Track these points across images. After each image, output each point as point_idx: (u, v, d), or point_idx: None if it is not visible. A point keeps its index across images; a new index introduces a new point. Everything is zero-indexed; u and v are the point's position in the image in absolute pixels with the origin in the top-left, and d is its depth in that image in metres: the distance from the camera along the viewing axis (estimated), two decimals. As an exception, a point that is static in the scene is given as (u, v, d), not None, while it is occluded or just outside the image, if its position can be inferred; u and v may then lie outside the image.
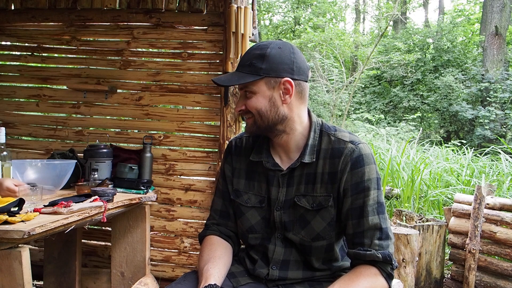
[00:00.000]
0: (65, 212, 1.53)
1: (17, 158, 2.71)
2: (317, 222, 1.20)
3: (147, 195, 2.21)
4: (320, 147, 1.21)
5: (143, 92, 2.69)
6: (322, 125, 1.25)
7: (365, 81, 13.52)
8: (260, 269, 1.25)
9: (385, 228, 1.15)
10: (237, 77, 1.18)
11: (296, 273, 1.24)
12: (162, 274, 2.64)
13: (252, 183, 1.29)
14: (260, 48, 1.17)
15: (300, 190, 1.21)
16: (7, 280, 1.31)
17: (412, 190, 4.43)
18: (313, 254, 1.23)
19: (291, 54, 1.17)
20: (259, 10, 15.42)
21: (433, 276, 2.95)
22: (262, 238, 1.27)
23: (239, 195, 1.31)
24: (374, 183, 1.17)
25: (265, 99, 1.16)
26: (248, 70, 1.16)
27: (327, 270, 1.26)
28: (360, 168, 1.16)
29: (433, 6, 25.41)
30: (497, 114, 9.94)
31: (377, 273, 1.12)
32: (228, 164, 1.36)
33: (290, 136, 1.22)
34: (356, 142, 1.19)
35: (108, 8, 2.66)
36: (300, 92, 1.19)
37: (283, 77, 1.15)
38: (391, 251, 1.13)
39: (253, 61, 1.16)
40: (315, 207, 1.19)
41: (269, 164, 1.24)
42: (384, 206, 1.18)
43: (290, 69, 1.16)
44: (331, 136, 1.21)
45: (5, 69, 2.87)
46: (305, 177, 1.21)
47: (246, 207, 1.28)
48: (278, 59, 1.15)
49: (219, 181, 1.40)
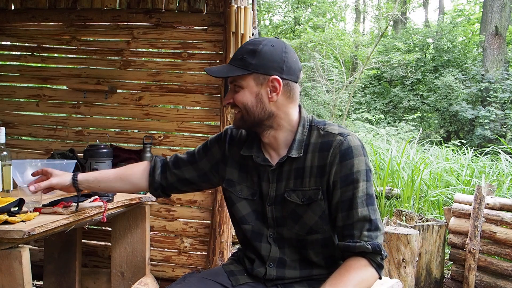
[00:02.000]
0: (65, 212, 1.53)
1: (17, 158, 2.71)
2: (309, 216, 1.19)
3: (147, 195, 2.20)
4: (309, 142, 1.21)
5: (143, 92, 2.69)
6: (312, 120, 1.24)
7: (365, 81, 13.52)
8: (257, 268, 1.25)
9: (374, 219, 1.14)
10: (227, 69, 1.19)
11: (293, 272, 1.24)
12: (162, 274, 2.64)
13: (244, 176, 1.29)
14: (254, 43, 1.17)
15: (290, 185, 1.21)
16: (7, 280, 1.31)
17: (412, 190, 4.43)
18: (309, 248, 1.23)
19: (283, 53, 1.17)
20: (259, 10, 15.41)
21: (433, 276, 2.95)
22: (253, 231, 1.27)
23: (232, 185, 1.30)
24: (363, 174, 1.16)
25: (252, 95, 1.17)
26: (239, 64, 1.16)
27: (325, 268, 1.25)
28: (349, 160, 1.16)
29: (433, 6, 25.41)
30: (497, 114, 9.94)
31: (367, 264, 1.12)
32: (220, 148, 1.35)
33: (277, 132, 1.22)
34: (344, 134, 1.18)
35: (108, 8, 2.67)
36: (289, 92, 1.19)
37: (271, 74, 1.15)
38: (380, 242, 1.13)
39: (245, 55, 1.16)
40: (305, 201, 1.19)
41: (259, 159, 1.24)
42: (373, 197, 1.17)
43: (279, 67, 1.16)
44: (320, 130, 1.21)
45: (5, 69, 2.87)
46: (294, 172, 1.21)
47: (238, 197, 1.29)
48: (269, 56, 1.15)
49: (196, 148, 1.41)
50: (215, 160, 1.35)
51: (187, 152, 1.42)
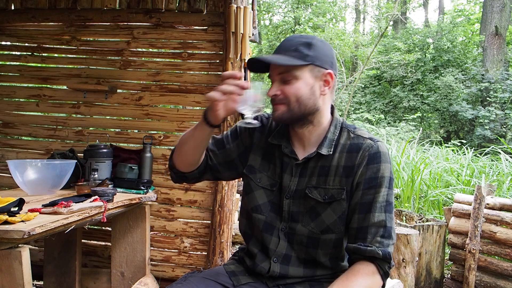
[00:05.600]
0: (65, 212, 1.53)
1: (17, 158, 2.71)
2: (328, 214, 1.19)
3: (147, 195, 2.21)
4: (339, 142, 1.22)
5: (143, 92, 2.69)
6: (343, 122, 1.27)
7: (365, 81, 13.52)
8: (260, 264, 1.24)
9: (389, 227, 1.15)
10: (283, 59, 1.15)
11: (297, 270, 1.23)
12: (162, 274, 2.64)
13: (267, 165, 1.28)
14: (306, 37, 1.19)
15: (312, 182, 1.21)
16: (7, 280, 1.31)
17: (412, 190, 4.43)
18: (320, 247, 1.22)
19: (332, 50, 1.21)
20: (259, 10, 15.42)
21: (433, 276, 2.95)
22: (265, 222, 1.25)
23: (253, 171, 1.29)
24: (387, 181, 1.17)
25: (307, 87, 1.16)
26: (294, 55, 1.15)
27: (329, 269, 1.25)
28: (376, 164, 1.17)
29: (433, 6, 25.43)
30: (497, 114, 9.94)
31: (375, 271, 1.12)
32: (250, 136, 1.32)
33: (315, 128, 1.22)
34: (375, 140, 1.21)
35: (108, 8, 2.66)
36: (334, 87, 1.22)
37: (326, 68, 1.17)
38: (390, 251, 1.13)
39: (300, 47, 1.15)
40: (327, 200, 1.19)
41: (287, 150, 1.24)
42: (392, 206, 1.18)
43: (331, 62, 1.18)
44: (351, 132, 1.23)
45: (5, 69, 2.87)
46: (318, 169, 1.21)
47: (257, 185, 1.28)
48: (323, 50, 1.17)
49: (226, 133, 1.35)
50: (244, 147, 1.33)
51: (213, 137, 1.36)
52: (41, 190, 1.92)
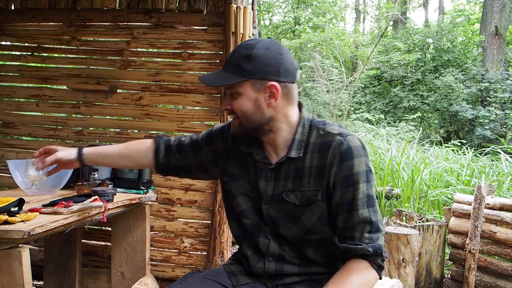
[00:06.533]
0: (65, 212, 1.54)
1: (17, 158, 2.71)
2: (307, 217, 1.19)
3: (147, 195, 2.21)
4: (309, 142, 1.19)
5: (143, 92, 2.69)
6: (312, 120, 1.23)
7: (365, 81, 13.51)
8: (256, 265, 1.25)
9: (375, 221, 1.14)
10: (222, 77, 1.15)
11: (292, 267, 1.23)
12: (162, 274, 2.64)
13: (245, 171, 1.28)
14: (247, 47, 1.14)
15: (288, 185, 1.20)
16: (7, 280, 1.31)
17: (412, 190, 4.43)
18: (308, 246, 1.22)
19: (279, 55, 1.14)
20: (259, 10, 15.41)
21: (433, 276, 2.95)
22: (252, 225, 1.26)
23: (233, 179, 1.30)
24: (363, 176, 1.15)
25: (250, 102, 1.14)
26: (234, 70, 1.13)
27: (324, 266, 1.25)
28: (349, 161, 1.14)
29: (433, 6, 25.41)
30: (497, 114, 9.94)
31: (368, 266, 1.12)
32: (223, 142, 1.33)
33: (276, 134, 1.21)
34: (344, 134, 1.17)
35: (108, 8, 2.67)
36: (287, 94, 1.17)
37: (269, 79, 1.13)
38: (381, 243, 1.13)
39: (239, 61, 1.13)
40: (304, 202, 1.18)
41: (259, 156, 1.24)
42: (374, 198, 1.16)
43: (276, 71, 1.13)
44: (320, 130, 1.20)
45: (5, 69, 2.87)
46: (292, 172, 1.20)
47: (238, 192, 1.28)
48: (265, 60, 1.12)
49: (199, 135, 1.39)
50: (216, 153, 1.34)
51: (190, 137, 1.40)
52: (41, 190, 1.92)
